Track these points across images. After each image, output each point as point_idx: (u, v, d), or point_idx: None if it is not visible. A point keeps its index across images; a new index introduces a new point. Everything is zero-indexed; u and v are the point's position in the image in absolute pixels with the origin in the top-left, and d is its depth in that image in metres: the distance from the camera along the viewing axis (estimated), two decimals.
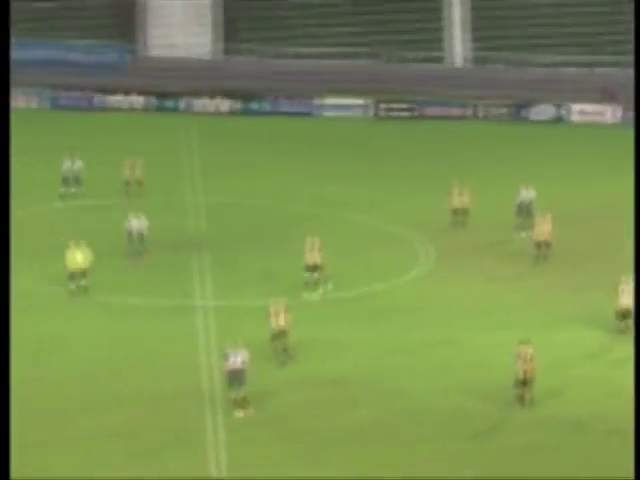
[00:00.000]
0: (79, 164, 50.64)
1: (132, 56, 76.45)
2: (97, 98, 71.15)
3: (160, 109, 70.97)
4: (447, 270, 43.47)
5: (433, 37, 78.00)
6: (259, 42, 77.23)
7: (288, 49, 76.83)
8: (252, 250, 45.32)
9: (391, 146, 64.52)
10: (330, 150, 62.95)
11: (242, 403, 31.00)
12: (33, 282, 40.31)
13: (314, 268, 40.75)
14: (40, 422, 30.50)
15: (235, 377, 30.90)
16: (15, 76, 70.87)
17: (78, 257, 39.06)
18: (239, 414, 30.84)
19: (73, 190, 50.46)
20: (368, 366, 35.17)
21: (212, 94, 71.75)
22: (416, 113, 71.70)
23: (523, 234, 46.48)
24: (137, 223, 43.01)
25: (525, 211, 47.17)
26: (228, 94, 72.08)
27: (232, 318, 38.00)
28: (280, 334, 34.64)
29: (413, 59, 76.80)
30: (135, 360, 34.37)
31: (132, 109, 70.71)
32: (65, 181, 50.55)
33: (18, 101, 69.96)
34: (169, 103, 71.30)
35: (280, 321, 34.61)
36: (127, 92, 71.22)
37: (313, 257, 40.72)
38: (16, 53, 74.57)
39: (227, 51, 77.82)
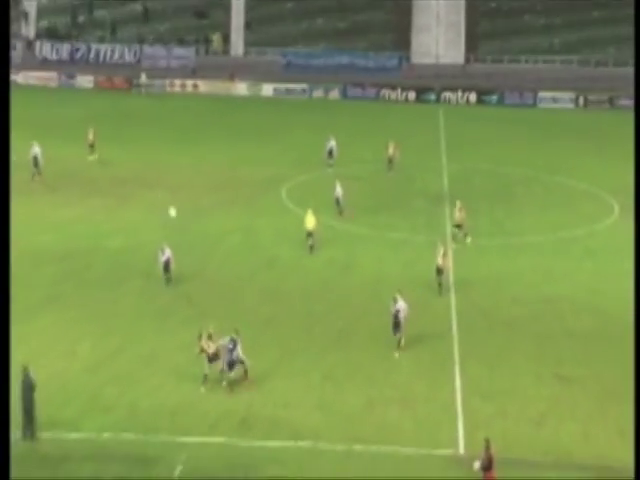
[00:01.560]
0: (333, 143, 48.77)
1: (405, 62, 76.49)
2: (381, 92, 71.20)
3: (423, 100, 70.58)
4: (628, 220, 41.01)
5: (621, 47, 74.49)
6: (492, 53, 76.36)
7: (512, 57, 75.67)
8: (483, 202, 43.89)
9: (593, 129, 62.14)
10: (545, 131, 61.06)
11: (399, 345, 27.84)
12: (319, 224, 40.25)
13: (458, 226, 37.73)
14: (337, 315, 30.63)
15: (396, 322, 27.89)
16: (320, 76, 72.82)
17: (310, 220, 36.63)
18: (396, 355, 27.63)
19: (330, 162, 48.82)
20: (573, 289, 33.55)
21: (458, 89, 70.87)
22: (613, 104, 68.55)
23: None
24: (339, 190, 40.93)
25: None
26: (469, 89, 70.95)
27: (470, 253, 37.00)
28: (439, 271, 32.26)
29: (611, 63, 74.14)
30: (407, 277, 33.82)
31: (405, 100, 70.60)
32: (329, 154, 49.00)
33: (318, 93, 71.03)
34: (429, 96, 70.75)
35: (440, 260, 32.37)
36: (402, 88, 71.00)
37: (458, 218, 37.66)
38: (323, 60, 76.26)
39: (469, 59, 77.18)
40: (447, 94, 70.45)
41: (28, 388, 22.61)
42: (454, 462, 21.99)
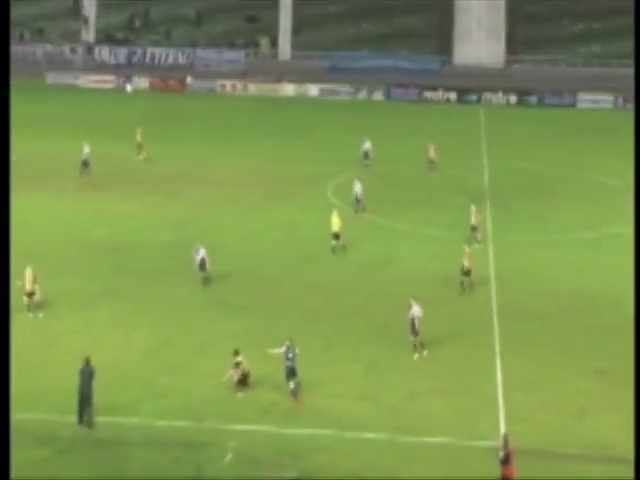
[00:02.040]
0: (368, 144, 48.25)
1: (447, 64, 75.81)
2: (423, 93, 70.57)
3: (464, 101, 69.81)
4: None
5: None
6: (532, 54, 75.36)
7: (552, 58, 74.58)
8: (522, 199, 43.22)
9: (631, 129, 60.90)
10: (583, 131, 60.09)
11: (419, 347, 26.87)
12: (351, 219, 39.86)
13: (474, 228, 36.74)
14: (377, 308, 30.20)
15: (413, 327, 26.84)
16: (364, 77, 72.41)
17: (335, 222, 35.65)
18: (416, 356, 26.70)
19: (366, 162, 48.04)
20: (608, 283, 32.89)
21: (499, 90, 70.00)
22: None
23: None
24: (358, 187, 40.42)
25: None
26: (510, 90, 70.05)
27: (509, 248, 36.45)
28: (466, 272, 31.52)
29: None
30: (445, 272, 33.11)
31: (446, 101, 69.84)
32: (365, 155, 48.39)
33: (362, 94, 70.55)
34: (470, 97, 69.96)
35: (466, 261, 31.58)
36: (443, 89, 70.30)
37: (473, 221, 36.79)
38: (367, 62, 75.85)
39: (509, 61, 76.24)
40: (488, 95, 69.66)
41: (88, 376, 22.61)
42: (495, 454, 21.54)
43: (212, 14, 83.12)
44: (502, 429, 22.72)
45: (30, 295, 29.12)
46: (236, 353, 24.47)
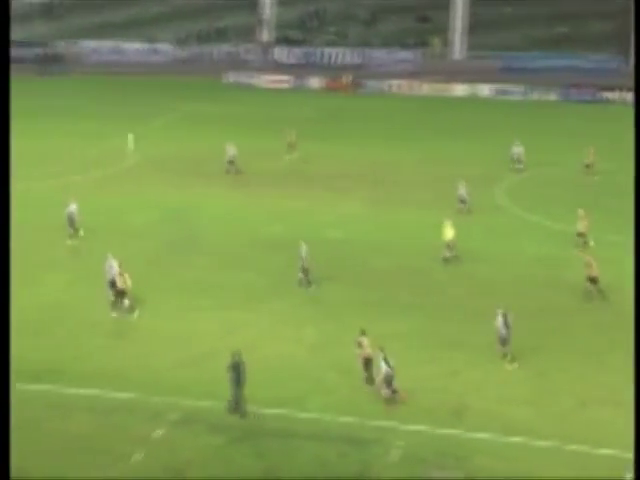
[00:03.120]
0: (519, 149, 47.46)
1: (625, 64, 73.27)
2: (599, 94, 68.44)
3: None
4: None
5: None
6: None
7: None
8: None
9: None
10: None
11: (510, 359, 26.02)
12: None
13: (580, 234, 35.47)
14: (549, 313, 29.55)
15: (502, 338, 25.92)
16: (538, 77, 70.93)
17: (449, 232, 34.53)
18: (508, 367, 25.89)
19: (518, 167, 47.31)
20: None
21: None
22: None
23: None
24: (463, 188, 40.03)
25: None
26: None
27: None
28: (592, 280, 30.37)
29: None
30: (613, 277, 31.74)
31: (624, 102, 67.22)
32: (515, 158, 47.63)
33: (536, 94, 69.10)
34: None
35: (588, 269, 30.51)
36: (620, 89, 67.93)
37: (580, 226, 35.49)
38: (541, 62, 74.35)
39: None
40: None
41: (237, 370, 23.24)
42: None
43: (384, 14, 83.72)
44: None
45: (121, 293, 28.92)
46: (362, 333, 24.80)
